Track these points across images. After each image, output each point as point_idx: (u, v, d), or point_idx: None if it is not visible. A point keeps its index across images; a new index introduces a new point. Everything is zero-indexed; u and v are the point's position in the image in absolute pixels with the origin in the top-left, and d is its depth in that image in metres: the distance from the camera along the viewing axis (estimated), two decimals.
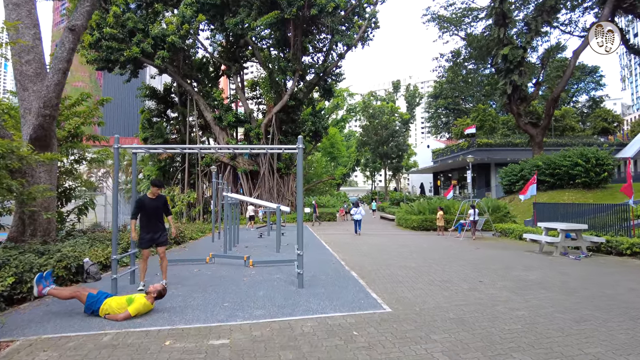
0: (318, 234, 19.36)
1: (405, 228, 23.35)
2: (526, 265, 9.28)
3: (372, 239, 16.57)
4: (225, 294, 6.59)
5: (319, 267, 9.28)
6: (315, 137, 36.45)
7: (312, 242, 15.25)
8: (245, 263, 9.56)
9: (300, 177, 7.22)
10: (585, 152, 23.98)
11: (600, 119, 45.58)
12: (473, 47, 32.86)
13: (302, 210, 7.28)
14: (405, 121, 68.88)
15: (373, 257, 10.90)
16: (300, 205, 7.25)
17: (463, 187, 48.99)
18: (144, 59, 29.67)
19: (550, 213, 18.86)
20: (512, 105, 30.44)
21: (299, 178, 7.22)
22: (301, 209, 7.27)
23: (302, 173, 7.24)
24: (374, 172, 77.31)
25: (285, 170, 32.85)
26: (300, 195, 7.26)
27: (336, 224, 26.88)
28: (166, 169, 35.29)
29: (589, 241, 10.90)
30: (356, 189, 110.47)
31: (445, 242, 15.38)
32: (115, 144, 6.98)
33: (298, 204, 7.25)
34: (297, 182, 7.28)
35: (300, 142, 7.21)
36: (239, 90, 34.32)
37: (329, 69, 33.02)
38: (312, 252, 12.08)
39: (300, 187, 7.26)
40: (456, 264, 9.67)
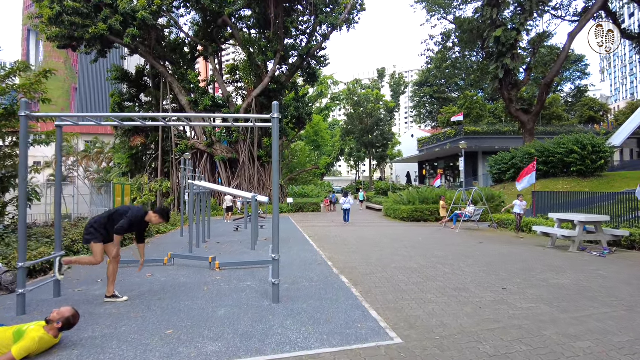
0: (302, 226, 17.71)
1: (394, 219, 21.90)
2: (548, 265, 7.81)
3: (360, 232, 15.00)
4: (174, 314, 4.88)
5: (302, 269, 7.62)
6: (299, 123, 34.58)
7: (294, 236, 13.58)
8: (210, 265, 7.84)
9: (276, 155, 5.52)
10: (581, 139, 22.84)
11: (586, 108, 44.98)
12: (463, 29, 31.32)
13: (278, 199, 5.58)
14: (391, 109, 67.46)
15: (365, 255, 9.31)
16: (276, 192, 5.55)
17: (450, 176, 47.99)
18: (112, 37, 27.22)
19: (550, 202, 17.67)
20: (503, 90, 29.14)
21: (274, 157, 5.52)
22: (277, 196, 5.57)
23: (278, 150, 5.52)
24: (359, 162, 75.93)
25: (267, 159, 30.95)
26: (276, 179, 5.55)
27: (321, 215, 25.27)
28: (138, 156, 32.99)
29: (610, 235, 9.54)
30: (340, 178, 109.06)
31: (442, 235, 13.91)
32: (21, 110, 5.11)
33: (274, 190, 5.55)
34: (273, 162, 5.57)
35: (276, 110, 5.50)
36: (216, 73, 32.10)
37: (313, 51, 31.10)
38: (293, 249, 10.42)
39: (276, 168, 5.55)
40: (464, 263, 8.15)
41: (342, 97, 65.44)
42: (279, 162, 5.13)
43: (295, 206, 27.86)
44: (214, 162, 30.71)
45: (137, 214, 5.57)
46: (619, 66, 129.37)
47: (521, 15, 26.19)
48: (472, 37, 31.12)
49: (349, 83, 66.78)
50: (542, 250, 9.86)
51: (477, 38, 31.04)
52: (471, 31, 30.42)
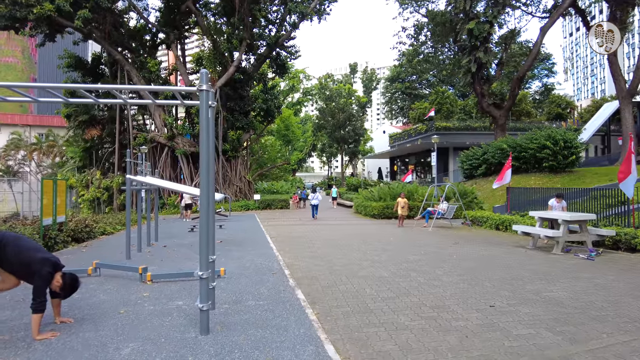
0: (265, 225, 16.39)
1: (364, 216, 20.94)
2: (535, 272, 6.87)
3: (328, 231, 13.86)
4: (59, 355, 3.54)
5: (251, 281, 6.37)
6: (267, 116, 33.09)
7: (254, 237, 12.27)
8: (141, 277, 6.47)
9: (206, 138, 4.22)
10: (554, 134, 22.54)
11: (554, 105, 45.54)
12: (435, 22, 30.70)
13: (209, 194, 4.27)
14: (363, 105, 66.67)
15: (329, 260, 8.15)
16: (206, 185, 4.25)
17: (420, 172, 47.67)
18: (61, 19, 24.94)
19: (524, 198, 17.11)
20: (475, 84, 28.69)
21: (202, 139, 4.22)
22: (208, 191, 4.26)
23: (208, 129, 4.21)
24: (331, 158, 74.96)
25: (233, 153, 29.37)
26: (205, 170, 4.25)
27: (288, 213, 24.00)
28: (94, 150, 30.69)
29: (595, 234, 8.77)
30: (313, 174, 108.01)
31: (415, 234, 12.96)
32: None
33: (202, 183, 4.25)
34: (201, 149, 4.27)
35: (204, 79, 4.20)
36: (178, 61, 30.13)
37: (282, 40, 29.67)
38: (249, 253, 9.14)
39: (205, 156, 4.25)
40: (441, 269, 7.11)
41: (314, 91, 64.15)
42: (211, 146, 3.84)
43: (263, 203, 26.48)
44: (176, 156, 28.84)
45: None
46: (581, 67, 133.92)
47: (494, 8, 25.69)
48: (444, 31, 30.54)
49: (321, 77, 65.47)
50: (523, 252, 8.99)
51: (450, 31, 30.47)
52: (444, 24, 29.81)
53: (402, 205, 15.72)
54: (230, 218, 19.54)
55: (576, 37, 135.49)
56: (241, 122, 29.55)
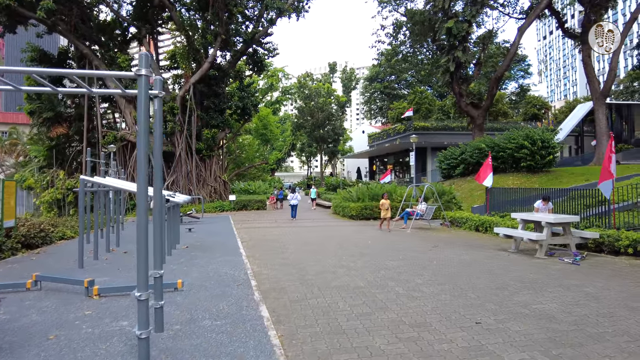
0: (239, 227, 15.64)
1: (342, 217, 20.42)
2: (521, 279, 6.43)
3: (303, 234, 13.25)
4: None
5: (212, 295, 5.70)
6: (244, 115, 32.17)
7: (224, 241, 11.54)
8: (87, 291, 5.71)
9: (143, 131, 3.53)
10: (531, 134, 22.56)
11: (530, 105, 46.22)
12: (414, 21, 30.45)
13: (144, 195, 3.56)
14: (342, 104, 66.40)
15: (301, 268, 7.54)
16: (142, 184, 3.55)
17: (399, 172, 47.59)
18: (21, 10, 23.58)
19: (504, 199, 16.92)
20: (454, 84, 28.57)
21: (140, 133, 3.53)
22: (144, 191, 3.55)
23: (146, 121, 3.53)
24: (310, 157, 74.38)
25: (208, 152, 28.39)
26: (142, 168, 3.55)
27: (265, 214, 23.27)
28: (60, 149, 29.11)
29: (579, 237, 8.45)
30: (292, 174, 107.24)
31: (393, 236, 12.48)
32: None
33: (138, 182, 3.55)
34: (138, 144, 3.57)
35: (144, 62, 3.52)
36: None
37: (258, 36, 28.89)
38: (215, 260, 8.44)
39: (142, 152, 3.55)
40: (421, 278, 6.60)
41: (293, 90, 63.41)
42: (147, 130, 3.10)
43: (238, 204, 25.64)
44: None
45: None
46: (554, 69, 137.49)
47: (472, 7, 25.59)
48: (423, 30, 30.33)
49: (300, 76, 64.77)
50: (506, 256, 8.59)
51: (428, 31, 30.30)
52: (422, 23, 29.59)
53: (386, 207, 14.54)
54: (202, 220, 18.71)
55: (550, 40, 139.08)
56: (216, 120, 28.60)
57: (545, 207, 10.08)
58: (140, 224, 3.46)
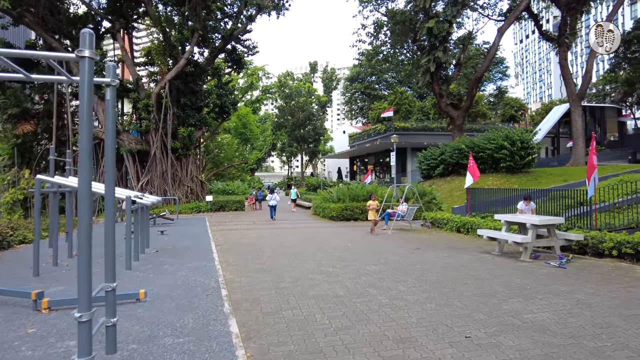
0: (215, 229, 15.03)
1: (322, 218, 20.01)
2: (508, 285, 6.13)
3: (282, 236, 12.77)
4: None
5: (177, 306, 5.18)
6: (222, 113, 31.38)
7: (197, 244, 10.95)
8: (35, 304, 5.11)
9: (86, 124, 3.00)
10: (511, 135, 22.65)
11: (508, 107, 46.89)
12: (395, 21, 30.30)
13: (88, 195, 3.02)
14: (323, 104, 65.98)
15: (277, 275, 7.07)
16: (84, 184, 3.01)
17: (379, 172, 47.56)
18: None
19: (484, 199, 16.84)
20: (434, 84, 28.56)
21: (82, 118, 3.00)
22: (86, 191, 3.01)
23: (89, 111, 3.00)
24: (291, 157, 73.76)
25: (184, 151, 27.52)
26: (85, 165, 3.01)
27: (243, 215, 22.63)
28: (27, 147, 27.73)
29: (563, 239, 8.26)
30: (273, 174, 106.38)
31: (374, 239, 12.13)
32: None
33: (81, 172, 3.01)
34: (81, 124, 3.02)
35: (87, 42, 3.01)
36: (124, 52, 27.85)
37: (237, 33, 28.20)
38: (185, 265, 7.89)
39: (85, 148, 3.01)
40: (404, 284, 6.23)
41: (274, 89, 62.61)
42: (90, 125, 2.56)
43: (216, 205, 24.90)
44: (121, 154, 26.61)
45: None
46: (530, 72, 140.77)
47: (453, 7, 25.58)
48: (403, 30, 30.21)
49: (281, 75, 64.02)
50: (490, 259, 8.33)
51: (409, 31, 30.18)
52: (403, 23, 29.46)
53: (374, 208, 13.84)
54: (177, 222, 17.98)
55: (526, 44, 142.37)
56: (193, 118, 27.76)
57: (527, 208, 9.89)
58: (83, 229, 2.94)
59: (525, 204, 9.95)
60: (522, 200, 10.14)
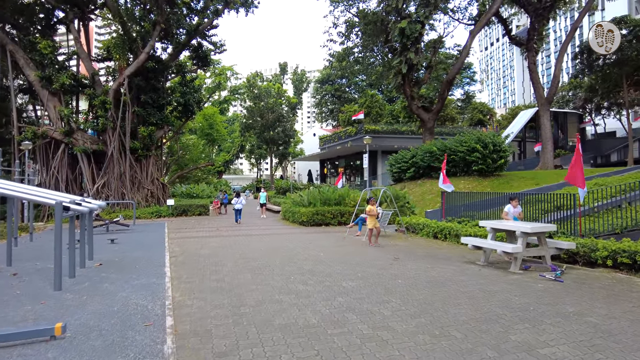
0: (173, 237, 13.69)
1: (292, 223, 18.98)
2: (508, 305, 5.31)
3: (246, 245, 11.63)
4: None
5: (105, 344, 4.03)
6: (186, 112, 29.77)
7: (149, 255, 9.66)
8: None
9: None
10: (483, 137, 22.43)
11: (476, 111, 47.53)
12: (367, 21, 29.73)
13: None
14: (293, 106, 64.93)
15: (237, 295, 6.00)
16: None
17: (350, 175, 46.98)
18: None
19: (460, 203, 16.31)
20: (406, 86, 28.16)
21: None
22: None
23: None
24: (260, 159, 72.16)
25: (144, 152, 25.75)
26: None
27: (206, 220, 21.22)
28: None
29: (554, 247, 7.62)
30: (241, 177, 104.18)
31: (348, 247, 11.21)
32: None
33: None
34: None
35: None
36: (78, 43, 25.77)
37: (202, 28, 26.81)
38: (129, 283, 6.67)
39: None
40: (388, 308, 5.29)
41: (242, 90, 60.98)
42: None
43: (178, 209, 23.35)
44: (76, 155, 24.58)
45: None
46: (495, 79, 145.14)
47: (426, 8, 25.24)
48: (375, 30, 29.67)
49: (250, 75, 62.46)
50: (477, 270, 7.56)
51: (381, 32, 29.69)
52: (375, 23, 28.92)
53: (374, 214, 11.75)
54: (132, 228, 16.44)
55: (491, 52, 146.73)
56: (155, 116, 26.07)
57: (516, 211, 9.25)
58: None
59: (514, 206, 9.30)
60: (510, 202, 9.47)
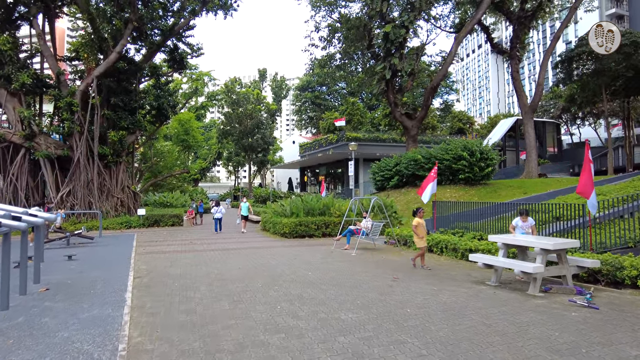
0: (140, 252, 12.29)
1: (273, 234, 17.77)
2: (551, 347, 4.29)
3: (224, 261, 10.39)
4: None
5: None
6: (160, 116, 28.25)
7: (109, 276, 8.32)
8: None
9: None
10: (470, 145, 21.85)
11: (457, 120, 47.60)
12: (349, 26, 29.03)
13: None
14: (272, 112, 63.70)
15: (211, 334, 4.82)
16: None
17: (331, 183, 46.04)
18: None
19: (449, 212, 15.51)
20: (389, 93, 27.49)
21: None
22: None
23: None
24: (238, 167, 70.41)
25: (114, 158, 24.08)
26: None
27: (179, 232, 19.72)
28: None
29: (575, 266, 6.75)
30: (219, 184, 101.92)
31: (338, 263, 10.12)
32: None
33: None
34: None
35: None
36: (41, 40, 23.98)
37: (178, 28, 25.53)
38: (76, 316, 5.39)
39: None
40: (406, 351, 4.23)
41: (220, 96, 59.37)
42: None
43: (149, 219, 21.77)
44: (37, 160, 22.70)
45: None
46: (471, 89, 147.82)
47: (410, 13, 24.69)
48: (358, 35, 28.97)
49: (228, 81, 60.95)
50: (492, 293, 6.59)
51: (364, 37, 29.03)
52: (357, 28, 28.22)
53: (422, 230, 9.68)
54: (97, 241, 14.88)
55: (467, 62, 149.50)
56: (126, 120, 24.49)
57: (525, 225, 8.38)
58: None
59: (523, 220, 8.44)
60: (519, 217, 8.61)
